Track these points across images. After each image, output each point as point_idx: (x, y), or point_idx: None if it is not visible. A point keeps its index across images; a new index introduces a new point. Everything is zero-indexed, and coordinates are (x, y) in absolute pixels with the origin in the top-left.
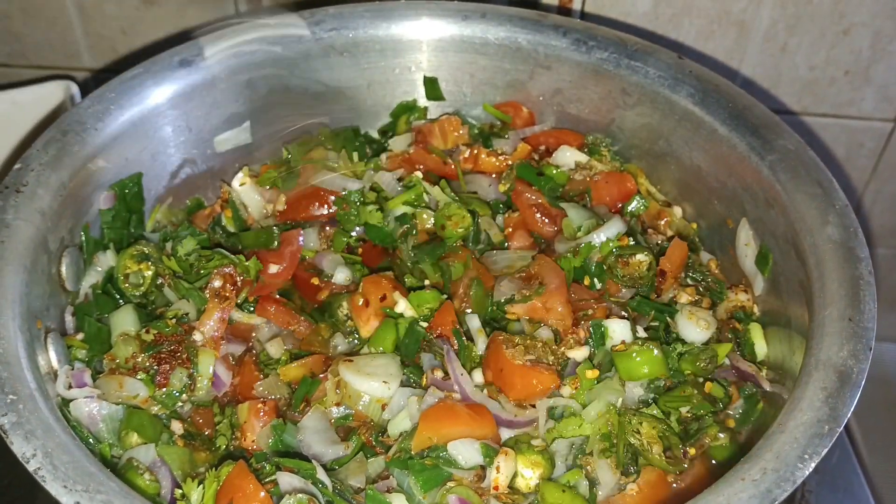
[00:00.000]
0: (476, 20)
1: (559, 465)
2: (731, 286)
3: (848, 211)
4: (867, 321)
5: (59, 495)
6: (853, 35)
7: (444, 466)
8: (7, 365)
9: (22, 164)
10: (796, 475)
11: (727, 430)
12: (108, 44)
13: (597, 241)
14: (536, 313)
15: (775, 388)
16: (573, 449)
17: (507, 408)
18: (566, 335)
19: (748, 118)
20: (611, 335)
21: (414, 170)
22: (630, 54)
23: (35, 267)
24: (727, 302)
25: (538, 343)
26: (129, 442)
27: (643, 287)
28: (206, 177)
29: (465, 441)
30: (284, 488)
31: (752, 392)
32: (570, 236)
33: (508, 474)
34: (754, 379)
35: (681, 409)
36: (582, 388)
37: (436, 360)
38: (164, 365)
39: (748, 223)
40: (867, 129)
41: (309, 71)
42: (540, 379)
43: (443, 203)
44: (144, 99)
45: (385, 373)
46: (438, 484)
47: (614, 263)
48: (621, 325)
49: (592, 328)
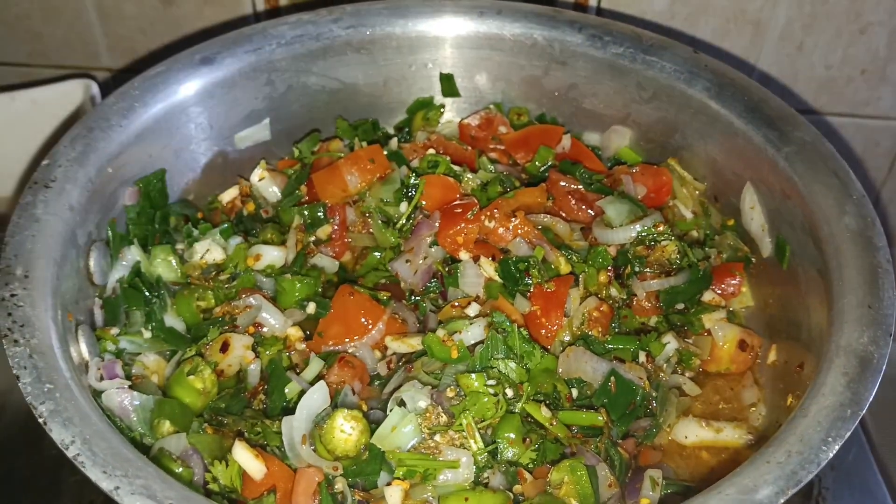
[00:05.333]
0: (492, 16)
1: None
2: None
3: (865, 201)
4: (886, 308)
5: (98, 480)
6: (869, 34)
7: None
8: (42, 355)
9: (50, 160)
10: (820, 457)
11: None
12: (127, 44)
13: (634, 234)
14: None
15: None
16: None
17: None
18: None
19: (764, 111)
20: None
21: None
22: (645, 49)
23: (65, 261)
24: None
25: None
26: (162, 430)
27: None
28: (226, 173)
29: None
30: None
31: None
32: (608, 224)
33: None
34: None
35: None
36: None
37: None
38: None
39: (752, 186)
40: (884, 129)
41: (327, 68)
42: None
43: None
44: (168, 96)
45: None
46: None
47: (642, 252)
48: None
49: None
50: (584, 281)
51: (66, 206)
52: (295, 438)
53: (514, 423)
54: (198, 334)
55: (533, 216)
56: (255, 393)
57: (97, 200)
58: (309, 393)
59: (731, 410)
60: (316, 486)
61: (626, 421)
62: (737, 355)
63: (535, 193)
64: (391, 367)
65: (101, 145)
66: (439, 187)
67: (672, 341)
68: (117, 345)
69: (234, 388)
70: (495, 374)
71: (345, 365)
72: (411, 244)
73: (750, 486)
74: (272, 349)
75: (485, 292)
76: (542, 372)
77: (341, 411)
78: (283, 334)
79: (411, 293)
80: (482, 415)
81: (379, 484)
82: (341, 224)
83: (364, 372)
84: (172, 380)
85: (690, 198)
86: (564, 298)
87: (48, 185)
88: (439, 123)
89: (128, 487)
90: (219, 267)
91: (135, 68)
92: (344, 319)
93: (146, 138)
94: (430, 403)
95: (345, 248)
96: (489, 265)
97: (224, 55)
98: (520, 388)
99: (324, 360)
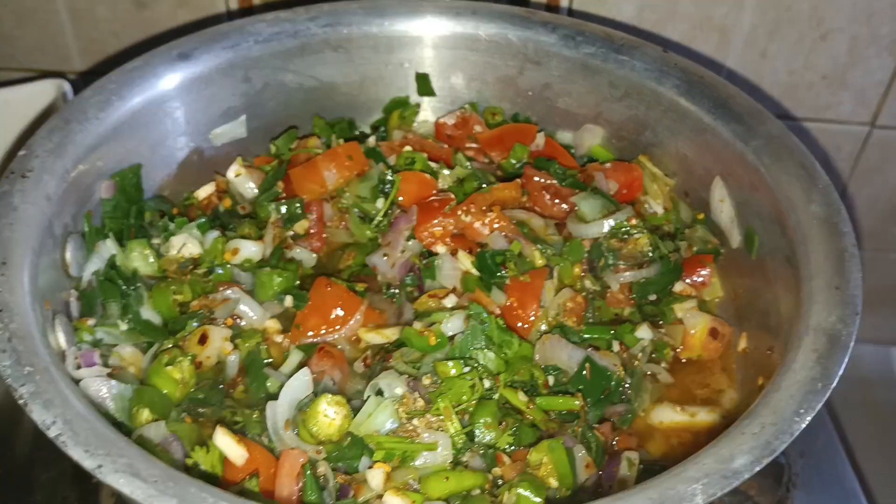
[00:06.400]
0: (467, 17)
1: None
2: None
3: (830, 189)
4: (853, 289)
5: (81, 459)
6: (831, 40)
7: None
8: (22, 339)
9: (27, 150)
10: (793, 428)
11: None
12: (99, 46)
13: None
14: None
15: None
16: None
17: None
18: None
19: (732, 107)
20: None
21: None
22: (617, 49)
23: (42, 250)
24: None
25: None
26: (141, 419)
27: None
28: (202, 169)
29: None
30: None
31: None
32: (581, 219)
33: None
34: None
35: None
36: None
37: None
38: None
39: (721, 180)
40: (845, 133)
41: (304, 66)
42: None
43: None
44: (145, 90)
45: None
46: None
47: (616, 245)
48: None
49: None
50: (559, 273)
51: (44, 195)
52: (279, 423)
53: (491, 409)
54: (175, 328)
55: (509, 211)
56: (234, 384)
57: (74, 192)
58: (293, 378)
59: (704, 395)
60: (300, 468)
61: (601, 406)
62: (708, 343)
63: (510, 189)
64: (368, 364)
65: (77, 137)
66: (416, 183)
67: (646, 332)
68: (94, 335)
69: (213, 380)
70: (473, 363)
71: (324, 355)
72: (388, 238)
73: (726, 456)
74: (251, 341)
75: (461, 285)
76: (519, 359)
77: (325, 396)
78: (262, 326)
79: (388, 286)
80: (458, 399)
81: (360, 468)
82: (319, 219)
83: (343, 362)
84: (150, 370)
85: (661, 193)
86: (540, 290)
87: (25, 175)
88: (415, 123)
89: (111, 466)
90: (195, 261)
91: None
92: (321, 311)
93: (123, 132)
94: (407, 390)
95: (322, 244)
96: (466, 258)
97: (201, 51)
98: (496, 380)
99: (304, 352)
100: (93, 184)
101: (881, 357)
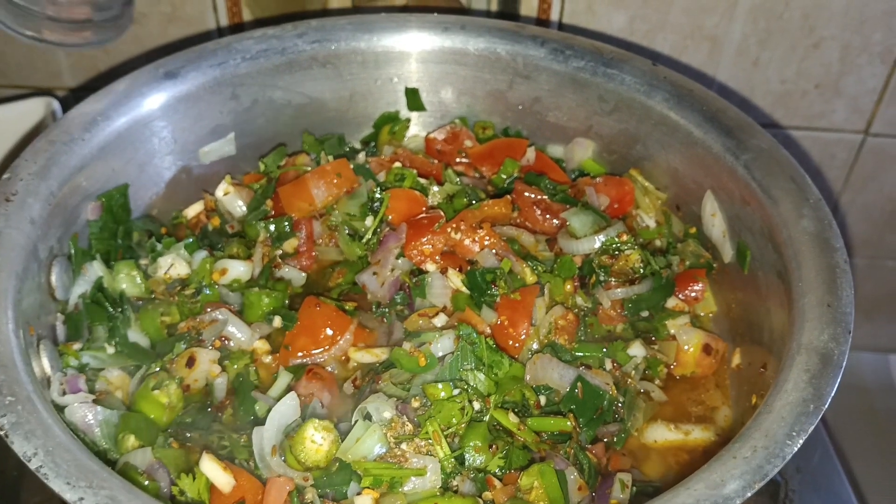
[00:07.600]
0: (456, 31)
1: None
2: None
3: (822, 204)
4: (845, 306)
5: (62, 492)
6: (823, 49)
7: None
8: (4, 367)
9: (11, 173)
10: (785, 451)
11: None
12: (89, 62)
13: (597, 244)
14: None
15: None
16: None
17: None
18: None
19: (722, 120)
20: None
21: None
22: (606, 62)
23: (26, 274)
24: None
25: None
26: (127, 445)
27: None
28: (191, 188)
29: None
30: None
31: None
32: (572, 235)
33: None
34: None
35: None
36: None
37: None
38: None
39: (712, 194)
40: (838, 141)
41: (292, 83)
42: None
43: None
44: (131, 110)
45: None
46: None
47: (607, 261)
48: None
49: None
50: (550, 290)
51: (28, 219)
52: (265, 449)
53: (481, 431)
54: (162, 350)
55: (499, 227)
56: (222, 407)
57: (59, 214)
58: (280, 403)
59: (698, 413)
60: (286, 496)
61: (594, 426)
62: (702, 359)
63: (500, 205)
64: (357, 384)
65: (63, 159)
66: (405, 200)
67: (639, 349)
68: (80, 360)
69: (201, 403)
70: (463, 385)
71: (313, 377)
72: (378, 256)
73: (717, 482)
74: (239, 363)
75: (452, 303)
76: (510, 379)
77: (312, 421)
78: (251, 348)
79: (378, 305)
80: (447, 422)
81: (349, 494)
82: (308, 237)
83: (333, 384)
84: (137, 395)
85: (653, 207)
86: (531, 308)
87: (9, 199)
88: (405, 137)
89: (92, 499)
90: (183, 282)
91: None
92: (311, 331)
93: (109, 152)
94: (395, 414)
95: (312, 262)
96: (456, 276)
97: (188, 69)
98: (487, 402)
99: (292, 373)
100: (79, 205)
101: (879, 364)
